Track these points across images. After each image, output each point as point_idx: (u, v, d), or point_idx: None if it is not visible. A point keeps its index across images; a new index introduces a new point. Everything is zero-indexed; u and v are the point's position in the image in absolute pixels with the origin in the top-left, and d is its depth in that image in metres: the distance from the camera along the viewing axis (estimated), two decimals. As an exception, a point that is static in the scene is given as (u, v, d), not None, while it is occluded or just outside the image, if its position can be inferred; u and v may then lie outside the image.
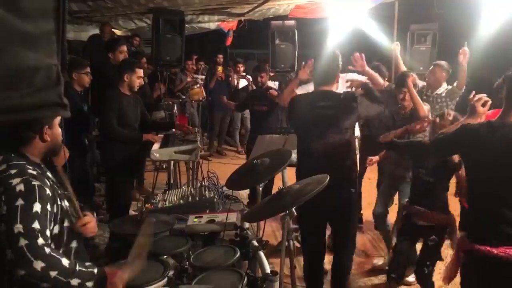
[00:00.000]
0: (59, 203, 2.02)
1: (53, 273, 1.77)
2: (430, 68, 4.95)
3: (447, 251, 4.03)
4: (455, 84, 4.76)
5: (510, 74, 2.41)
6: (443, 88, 4.85)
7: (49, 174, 2.08)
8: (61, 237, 2.04)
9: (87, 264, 1.93)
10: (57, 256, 1.82)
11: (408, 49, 6.10)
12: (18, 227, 1.76)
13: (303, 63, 4.35)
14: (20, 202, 1.80)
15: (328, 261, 3.58)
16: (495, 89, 3.63)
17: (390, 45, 6.39)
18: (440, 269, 3.58)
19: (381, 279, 4.21)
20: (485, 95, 2.65)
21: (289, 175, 4.10)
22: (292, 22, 6.41)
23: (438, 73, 4.82)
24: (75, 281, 1.82)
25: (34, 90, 1.55)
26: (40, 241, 1.78)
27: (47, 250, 1.79)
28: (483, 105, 2.62)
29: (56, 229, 1.99)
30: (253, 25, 9.14)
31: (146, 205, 3.48)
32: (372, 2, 6.64)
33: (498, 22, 5.27)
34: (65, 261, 1.83)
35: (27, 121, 1.91)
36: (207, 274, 2.32)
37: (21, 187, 1.83)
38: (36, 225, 1.80)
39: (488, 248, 2.25)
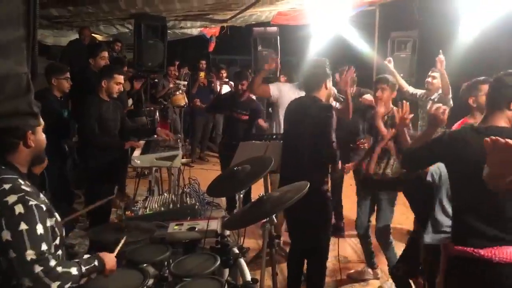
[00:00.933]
0: (54, 215, 2.01)
1: (67, 285, 1.88)
2: (429, 73, 5.13)
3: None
4: (440, 91, 4.89)
5: (485, 78, 2.44)
6: (437, 94, 5.04)
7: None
8: (59, 247, 2.06)
9: (86, 257, 2.05)
10: (67, 270, 1.91)
11: (388, 56, 6.19)
12: (30, 253, 1.81)
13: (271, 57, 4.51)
14: (23, 226, 1.82)
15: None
16: (460, 96, 3.70)
17: (371, 52, 6.49)
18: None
19: (362, 285, 4.23)
20: (441, 104, 2.67)
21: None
22: (274, 28, 6.45)
23: (436, 81, 5.04)
24: (83, 280, 1.97)
25: (3, 98, 1.53)
26: (52, 262, 1.86)
27: (59, 268, 1.87)
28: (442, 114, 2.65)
29: (57, 241, 2.02)
30: (236, 31, 9.14)
31: (127, 213, 3.44)
32: (353, 10, 6.71)
33: (477, 30, 5.38)
34: (73, 270, 1.93)
35: (8, 128, 1.90)
36: (187, 283, 2.31)
37: (20, 209, 1.83)
38: (44, 246, 1.85)
39: (473, 250, 2.24)
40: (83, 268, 1.97)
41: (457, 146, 2.36)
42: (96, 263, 2.04)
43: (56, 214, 2.05)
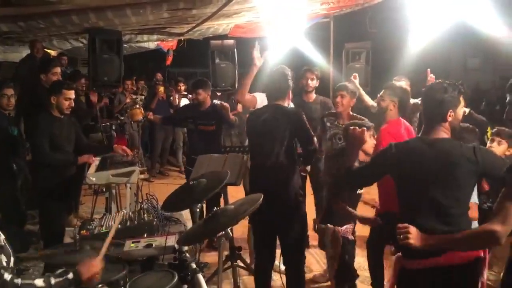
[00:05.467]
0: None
1: None
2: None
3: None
4: (418, 100, 4.94)
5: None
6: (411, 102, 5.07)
7: None
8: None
9: (58, 272, 2.00)
10: (30, 282, 1.88)
11: (343, 66, 6.33)
12: None
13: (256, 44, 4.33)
14: None
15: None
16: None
17: (326, 63, 6.63)
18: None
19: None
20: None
21: (234, 193, 4.08)
22: (231, 41, 6.49)
23: None
24: None
25: None
26: (7, 276, 1.82)
27: (18, 281, 1.84)
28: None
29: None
30: (194, 43, 9.14)
31: (82, 232, 3.34)
32: (308, 22, 6.84)
33: (427, 39, 5.59)
34: (39, 282, 1.89)
35: None
36: (144, 301, 2.25)
37: None
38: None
39: (435, 259, 2.27)
40: (53, 280, 1.93)
41: (410, 157, 2.42)
42: (69, 276, 2.00)
43: None
